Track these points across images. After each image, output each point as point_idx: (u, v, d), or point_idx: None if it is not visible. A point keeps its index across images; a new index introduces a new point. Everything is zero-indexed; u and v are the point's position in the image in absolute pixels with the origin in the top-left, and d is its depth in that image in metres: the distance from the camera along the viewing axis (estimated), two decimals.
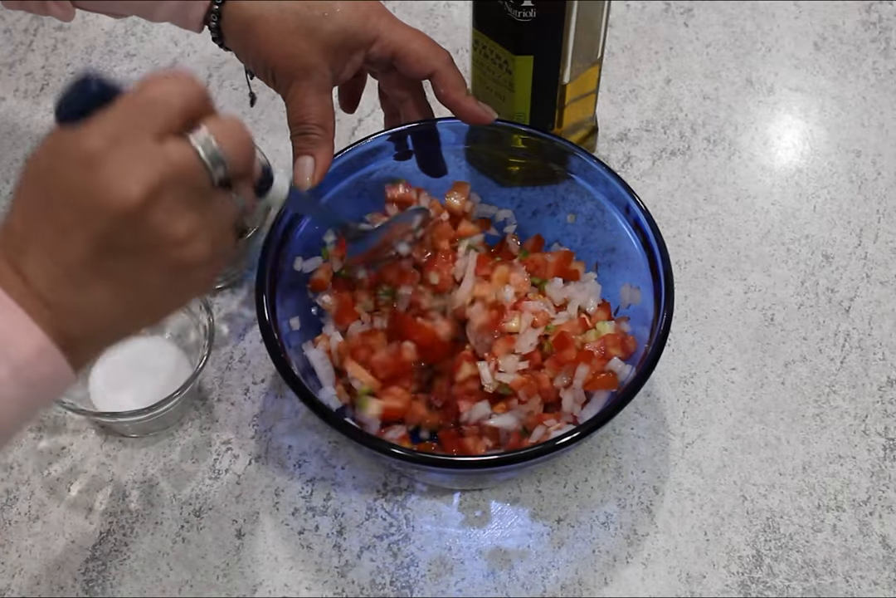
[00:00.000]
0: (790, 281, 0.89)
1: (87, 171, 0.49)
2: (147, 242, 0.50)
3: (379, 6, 0.74)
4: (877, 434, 0.82)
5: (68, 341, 0.51)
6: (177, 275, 0.52)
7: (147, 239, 0.50)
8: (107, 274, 0.51)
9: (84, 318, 0.51)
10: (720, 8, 1.03)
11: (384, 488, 0.80)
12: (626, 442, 0.81)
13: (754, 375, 0.84)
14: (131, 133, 0.49)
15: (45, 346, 0.50)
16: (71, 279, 0.50)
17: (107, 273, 0.51)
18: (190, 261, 0.52)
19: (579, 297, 0.80)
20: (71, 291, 0.51)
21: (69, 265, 0.50)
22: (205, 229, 0.52)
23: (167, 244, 0.51)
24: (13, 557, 0.77)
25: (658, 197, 0.92)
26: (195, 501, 0.79)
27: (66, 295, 0.51)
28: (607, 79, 0.97)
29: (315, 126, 0.73)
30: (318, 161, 0.73)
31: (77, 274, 0.50)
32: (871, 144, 0.95)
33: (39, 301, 0.50)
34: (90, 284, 0.51)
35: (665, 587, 0.76)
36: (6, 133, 0.95)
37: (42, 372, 0.51)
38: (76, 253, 0.50)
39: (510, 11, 0.75)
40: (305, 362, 0.76)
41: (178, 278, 0.52)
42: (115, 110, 0.50)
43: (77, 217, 0.49)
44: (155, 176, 0.49)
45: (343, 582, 0.76)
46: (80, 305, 0.51)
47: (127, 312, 0.53)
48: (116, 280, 0.51)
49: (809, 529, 0.78)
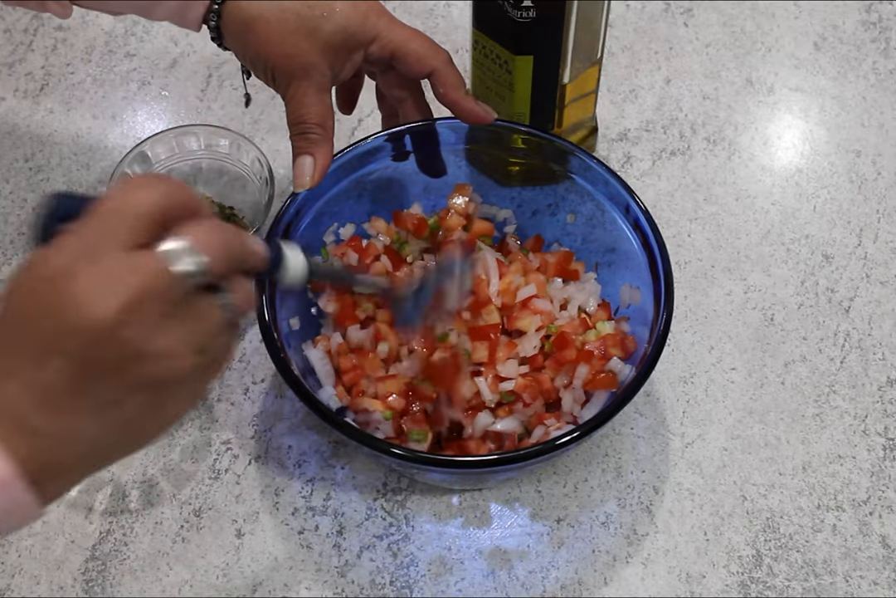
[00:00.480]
0: (790, 281, 0.89)
1: (57, 289, 0.47)
2: (124, 360, 0.48)
3: (378, 6, 0.74)
4: (877, 434, 0.82)
5: (43, 471, 0.49)
6: (160, 393, 0.50)
7: (124, 357, 0.48)
8: (86, 396, 0.48)
9: (62, 445, 0.49)
10: (720, 8, 1.03)
11: (384, 488, 0.80)
12: (626, 442, 0.81)
13: (754, 375, 0.84)
14: (99, 247, 0.48)
15: (8, 479, 0.48)
16: (48, 404, 0.48)
17: (86, 395, 0.48)
18: (174, 375, 0.49)
19: (579, 297, 0.80)
20: (49, 416, 0.48)
21: (46, 389, 0.48)
22: (186, 340, 0.49)
23: (146, 361, 0.48)
24: (13, 557, 0.77)
25: (658, 197, 0.92)
26: (195, 501, 0.79)
27: (44, 421, 0.48)
28: (607, 79, 0.97)
29: (314, 125, 0.73)
30: (317, 161, 0.73)
31: (55, 398, 0.48)
32: (871, 144, 0.95)
33: (14, 427, 0.48)
34: (69, 408, 0.48)
35: (665, 587, 0.76)
36: (6, 133, 0.95)
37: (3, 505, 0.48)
38: (52, 376, 0.48)
39: (510, 11, 0.75)
40: (305, 362, 0.76)
41: (161, 396, 0.50)
42: (83, 224, 0.48)
43: (51, 338, 0.47)
44: (125, 291, 0.47)
45: (343, 582, 0.76)
46: (59, 430, 0.49)
47: (108, 436, 0.50)
48: (96, 403, 0.48)
49: (809, 529, 0.78)
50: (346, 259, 0.80)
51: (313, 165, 0.73)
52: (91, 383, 0.48)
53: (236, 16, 0.72)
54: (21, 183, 0.92)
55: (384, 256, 0.81)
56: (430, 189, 0.83)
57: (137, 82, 0.98)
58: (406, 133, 0.79)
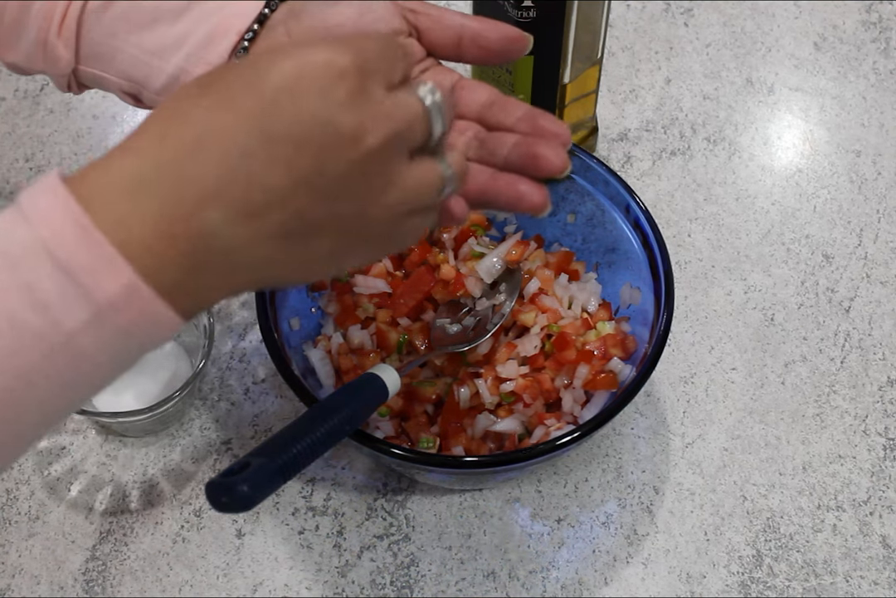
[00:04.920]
0: (790, 281, 0.89)
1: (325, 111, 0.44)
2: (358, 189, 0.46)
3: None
4: (877, 434, 0.82)
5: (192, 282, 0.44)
6: (349, 237, 0.47)
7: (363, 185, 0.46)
8: (286, 209, 0.44)
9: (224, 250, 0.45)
10: (720, 8, 1.03)
11: (384, 488, 0.80)
12: (626, 442, 0.81)
13: (754, 375, 0.84)
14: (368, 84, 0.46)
15: (133, 283, 0.42)
16: (243, 204, 0.44)
17: (286, 208, 0.44)
18: (379, 219, 0.47)
19: (580, 296, 0.80)
20: (235, 218, 0.44)
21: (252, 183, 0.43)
22: (408, 193, 0.48)
23: (372, 196, 0.46)
24: (13, 557, 0.77)
25: (658, 197, 0.92)
26: (195, 501, 0.79)
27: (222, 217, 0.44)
28: (607, 79, 0.97)
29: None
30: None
31: (254, 198, 0.44)
32: (871, 144, 0.95)
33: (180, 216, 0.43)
34: (260, 214, 0.44)
35: (665, 587, 0.76)
36: (6, 133, 0.95)
37: (131, 318, 0.43)
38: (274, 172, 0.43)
39: (510, 11, 0.75)
40: (305, 362, 0.76)
41: (347, 240, 0.48)
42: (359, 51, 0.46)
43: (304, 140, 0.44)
44: (392, 126, 0.46)
45: (343, 582, 0.76)
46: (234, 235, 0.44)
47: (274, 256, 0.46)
48: (293, 219, 0.45)
49: (809, 529, 0.78)
50: None
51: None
52: (306, 199, 0.45)
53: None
54: (21, 183, 0.92)
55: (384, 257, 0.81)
56: None
57: None
58: None
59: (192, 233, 0.44)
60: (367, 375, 0.67)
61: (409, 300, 0.79)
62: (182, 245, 0.44)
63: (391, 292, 0.79)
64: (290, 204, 0.45)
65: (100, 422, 0.81)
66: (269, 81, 0.44)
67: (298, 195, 0.44)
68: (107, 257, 0.42)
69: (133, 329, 0.44)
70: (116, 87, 0.64)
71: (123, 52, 0.62)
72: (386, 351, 0.78)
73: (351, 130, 0.44)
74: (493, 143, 0.57)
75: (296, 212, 0.45)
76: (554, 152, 0.55)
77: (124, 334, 0.44)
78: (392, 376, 0.67)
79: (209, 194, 0.43)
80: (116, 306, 0.43)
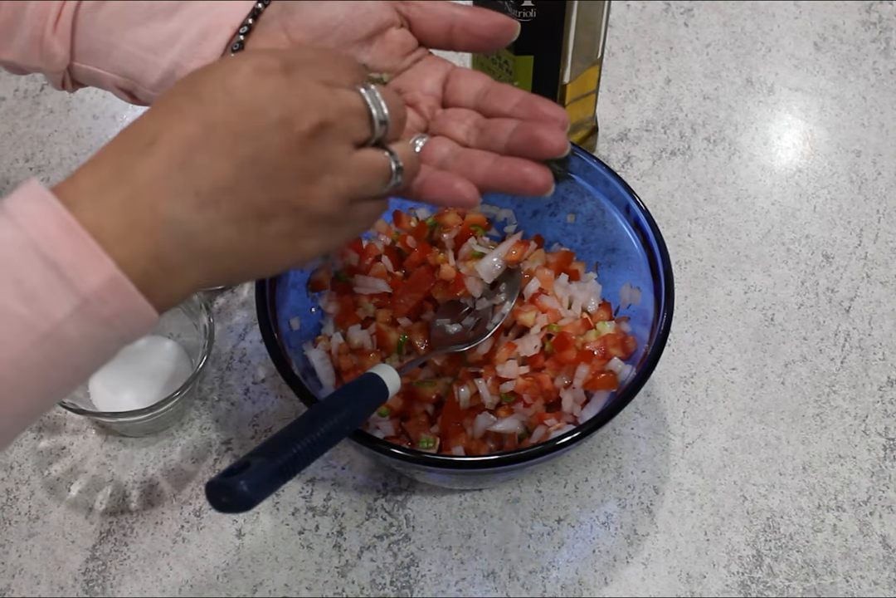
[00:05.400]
0: (790, 281, 0.89)
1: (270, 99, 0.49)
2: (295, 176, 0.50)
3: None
4: (877, 434, 0.82)
5: (159, 271, 0.48)
6: (300, 221, 0.51)
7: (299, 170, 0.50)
8: (239, 197, 0.49)
9: (186, 241, 0.48)
10: (720, 8, 1.03)
11: (384, 488, 0.80)
12: (626, 442, 0.81)
13: (754, 375, 0.84)
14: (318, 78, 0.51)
15: (116, 277, 0.47)
16: (197, 193, 0.48)
17: (239, 196, 0.49)
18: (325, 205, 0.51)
19: (581, 296, 0.80)
20: (191, 206, 0.48)
21: (202, 176, 0.48)
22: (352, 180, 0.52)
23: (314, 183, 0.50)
24: (13, 557, 0.77)
25: (658, 197, 0.92)
26: (195, 501, 0.79)
27: (183, 209, 0.48)
28: (607, 79, 0.97)
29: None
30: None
31: (206, 188, 0.48)
32: (871, 144, 0.96)
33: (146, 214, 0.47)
34: (216, 203, 0.48)
35: (665, 587, 0.76)
36: (6, 133, 0.95)
37: (114, 309, 0.47)
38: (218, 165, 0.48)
39: (510, 11, 0.75)
40: (305, 362, 0.76)
41: (300, 225, 0.51)
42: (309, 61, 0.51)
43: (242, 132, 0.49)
44: (326, 114, 0.50)
45: (343, 582, 0.76)
46: (192, 225, 0.48)
47: (233, 245, 0.50)
48: (246, 207, 0.49)
49: (809, 529, 0.78)
50: (347, 259, 0.80)
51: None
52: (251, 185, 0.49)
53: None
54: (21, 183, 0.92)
55: (385, 257, 0.81)
56: None
57: None
58: None
59: (154, 223, 0.48)
60: (367, 375, 0.67)
61: (409, 300, 0.79)
62: (147, 234, 0.48)
63: (391, 292, 0.79)
64: (237, 190, 0.49)
65: (100, 422, 0.81)
66: (207, 83, 0.50)
67: (243, 181, 0.49)
68: (90, 253, 0.46)
69: (115, 320, 0.47)
70: (111, 84, 0.65)
71: (119, 49, 0.63)
72: (386, 351, 0.78)
73: (279, 117, 0.49)
74: (493, 130, 0.59)
75: (244, 197, 0.49)
76: (553, 135, 0.57)
77: (107, 324, 0.47)
78: (392, 376, 0.67)
79: (163, 187, 0.48)
80: (101, 298, 0.46)
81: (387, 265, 0.80)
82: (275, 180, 0.49)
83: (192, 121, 0.48)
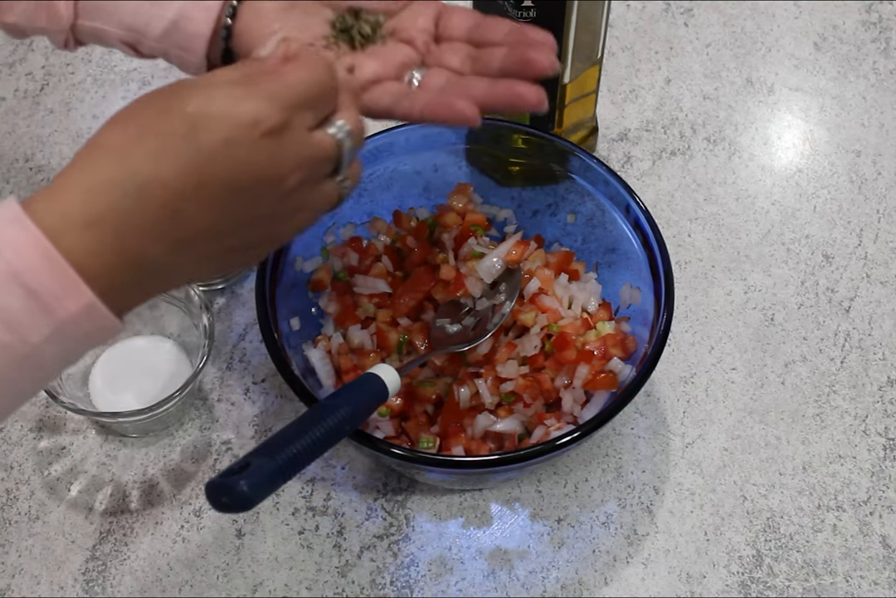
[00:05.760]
0: (790, 281, 0.89)
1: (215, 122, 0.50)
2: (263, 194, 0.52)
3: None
4: (877, 434, 0.82)
5: (123, 295, 0.51)
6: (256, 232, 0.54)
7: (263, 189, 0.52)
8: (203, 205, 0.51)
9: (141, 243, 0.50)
10: (720, 8, 1.03)
11: (384, 488, 0.80)
12: (626, 442, 0.81)
13: (754, 375, 0.84)
14: (298, 119, 0.52)
15: (92, 303, 0.49)
16: (158, 200, 0.49)
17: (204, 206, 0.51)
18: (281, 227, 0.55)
19: (581, 296, 0.80)
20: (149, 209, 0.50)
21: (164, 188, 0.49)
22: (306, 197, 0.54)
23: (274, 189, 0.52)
24: (13, 557, 0.77)
25: (658, 197, 0.92)
26: (195, 501, 0.79)
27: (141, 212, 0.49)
28: (607, 79, 0.97)
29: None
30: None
31: (169, 199, 0.50)
32: (871, 144, 0.96)
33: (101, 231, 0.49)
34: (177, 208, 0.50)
35: (665, 587, 0.76)
36: (6, 133, 0.95)
37: (87, 329, 0.50)
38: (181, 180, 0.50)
39: (510, 11, 0.75)
40: (305, 362, 0.76)
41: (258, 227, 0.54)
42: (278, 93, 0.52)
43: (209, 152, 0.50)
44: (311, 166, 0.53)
45: (343, 582, 0.76)
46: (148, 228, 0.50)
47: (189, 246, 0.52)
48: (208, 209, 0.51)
49: (809, 529, 0.78)
50: (346, 259, 0.80)
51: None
52: (229, 231, 0.52)
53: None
54: (21, 183, 0.92)
55: (385, 257, 0.81)
56: (430, 189, 0.83)
57: (138, 82, 0.98)
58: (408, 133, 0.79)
59: (133, 261, 0.50)
60: (367, 375, 0.67)
61: (409, 300, 0.79)
62: (123, 270, 0.50)
63: (391, 292, 0.79)
64: (215, 236, 0.52)
65: (100, 422, 0.81)
66: (207, 126, 0.50)
67: (223, 229, 0.52)
68: (71, 283, 0.48)
69: (86, 338, 0.50)
70: (116, 39, 0.67)
71: (123, 3, 0.65)
72: (386, 351, 0.78)
73: (274, 175, 0.51)
74: (485, 58, 0.63)
75: (219, 241, 0.52)
76: (543, 55, 0.60)
77: (78, 341, 0.50)
78: (392, 376, 0.67)
79: (150, 232, 0.50)
80: (77, 322, 0.49)
81: (387, 265, 0.80)
82: (251, 225, 0.53)
83: (191, 172, 0.49)
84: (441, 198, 0.82)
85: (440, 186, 0.82)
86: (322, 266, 0.80)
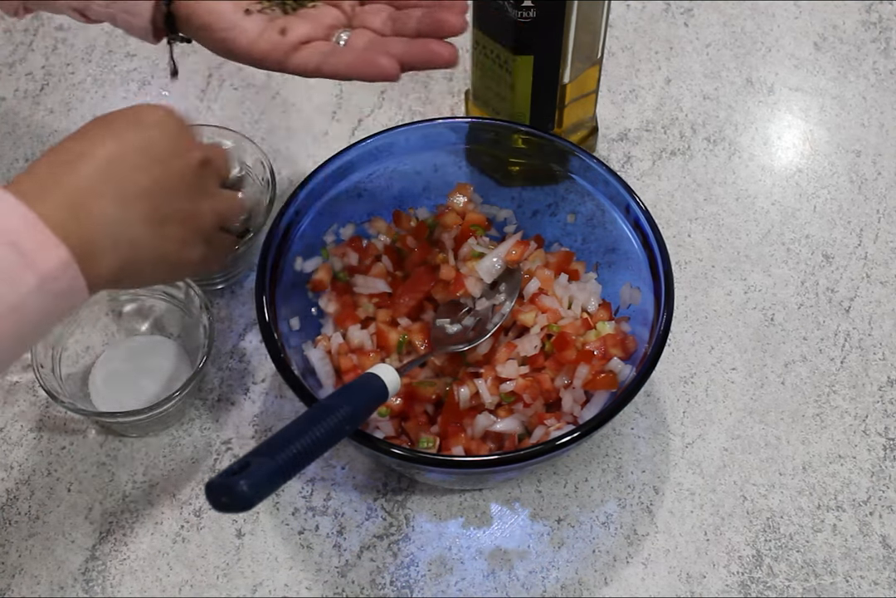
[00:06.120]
0: (790, 281, 0.89)
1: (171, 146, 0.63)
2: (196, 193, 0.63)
3: None
4: (877, 434, 0.82)
5: (89, 255, 0.57)
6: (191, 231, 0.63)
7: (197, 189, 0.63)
8: (151, 200, 0.60)
9: (108, 236, 0.58)
10: (720, 8, 1.03)
11: (384, 488, 0.80)
12: (626, 442, 0.81)
13: (754, 375, 0.84)
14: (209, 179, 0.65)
15: (69, 260, 0.56)
16: (120, 194, 0.59)
17: (152, 199, 0.60)
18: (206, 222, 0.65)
19: (581, 296, 0.80)
20: (113, 205, 0.59)
21: (124, 182, 0.59)
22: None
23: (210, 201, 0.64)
24: (13, 557, 0.77)
25: (658, 197, 0.92)
26: (195, 501, 0.79)
27: (108, 207, 0.58)
28: (607, 79, 0.97)
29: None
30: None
31: (128, 192, 0.59)
32: (871, 144, 0.95)
33: (71, 211, 0.57)
34: (134, 203, 0.59)
35: (665, 587, 0.76)
36: (6, 133, 0.95)
37: (63, 286, 0.56)
38: (135, 176, 0.60)
39: (510, 11, 0.75)
40: (305, 362, 0.76)
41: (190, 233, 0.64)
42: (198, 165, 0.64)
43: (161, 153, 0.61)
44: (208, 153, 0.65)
45: (343, 582, 0.76)
46: (112, 220, 0.58)
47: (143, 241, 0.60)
48: (158, 208, 0.61)
49: (809, 529, 0.78)
50: (347, 259, 0.80)
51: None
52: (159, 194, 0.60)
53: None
54: None
55: (385, 257, 0.81)
56: (430, 189, 0.83)
57: (137, 82, 0.98)
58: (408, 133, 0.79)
59: (89, 216, 0.58)
60: (367, 375, 0.67)
61: (409, 300, 0.79)
62: (82, 225, 0.57)
63: (391, 292, 0.79)
64: (149, 197, 0.60)
65: (100, 422, 0.81)
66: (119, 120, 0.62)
67: (154, 191, 0.60)
68: (48, 241, 0.55)
69: (61, 297, 0.57)
70: (65, 6, 0.73)
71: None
72: (386, 351, 0.78)
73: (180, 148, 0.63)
74: (403, 18, 0.69)
75: (153, 202, 0.60)
76: (454, 16, 0.67)
77: (56, 299, 0.56)
78: (392, 376, 0.67)
79: (94, 189, 0.58)
80: (55, 277, 0.55)
81: (387, 265, 0.80)
82: (176, 193, 0.62)
83: (111, 144, 0.60)
84: (441, 198, 0.82)
85: (440, 186, 0.82)
86: (322, 266, 0.80)
